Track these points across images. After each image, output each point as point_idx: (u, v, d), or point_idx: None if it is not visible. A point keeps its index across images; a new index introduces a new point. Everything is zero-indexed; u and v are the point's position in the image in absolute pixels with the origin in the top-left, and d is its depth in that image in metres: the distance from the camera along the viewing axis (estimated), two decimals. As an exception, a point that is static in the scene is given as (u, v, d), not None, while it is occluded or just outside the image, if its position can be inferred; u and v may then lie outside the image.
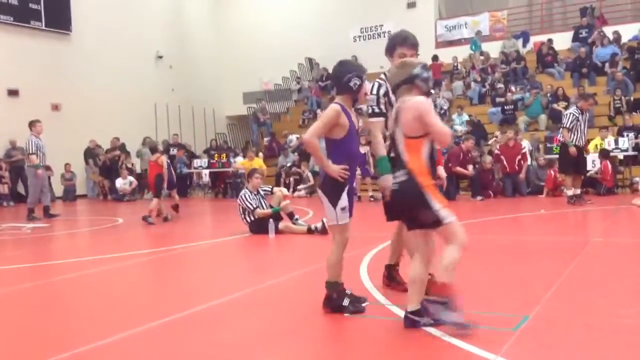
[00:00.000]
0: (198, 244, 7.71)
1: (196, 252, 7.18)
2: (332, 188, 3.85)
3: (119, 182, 16.57)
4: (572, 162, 10.02)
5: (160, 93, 20.43)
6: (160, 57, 21.31)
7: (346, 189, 3.86)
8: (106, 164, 17.58)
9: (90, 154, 17.97)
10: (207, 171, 17.29)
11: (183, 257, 6.78)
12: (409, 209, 3.48)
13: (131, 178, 16.65)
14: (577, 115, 9.86)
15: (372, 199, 12.84)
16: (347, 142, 3.86)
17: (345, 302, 3.86)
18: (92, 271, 5.90)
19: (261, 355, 3.24)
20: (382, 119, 4.05)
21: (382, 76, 4.18)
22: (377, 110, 4.06)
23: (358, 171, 13.42)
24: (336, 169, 3.79)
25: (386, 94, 4.09)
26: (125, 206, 14.84)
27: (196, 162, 17.65)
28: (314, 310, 3.97)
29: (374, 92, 4.09)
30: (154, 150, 11.09)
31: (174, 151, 17.41)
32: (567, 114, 10.14)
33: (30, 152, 11.27)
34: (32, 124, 11.39)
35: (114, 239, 8.75)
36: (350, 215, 3.91)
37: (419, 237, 3.51)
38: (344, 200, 3.85)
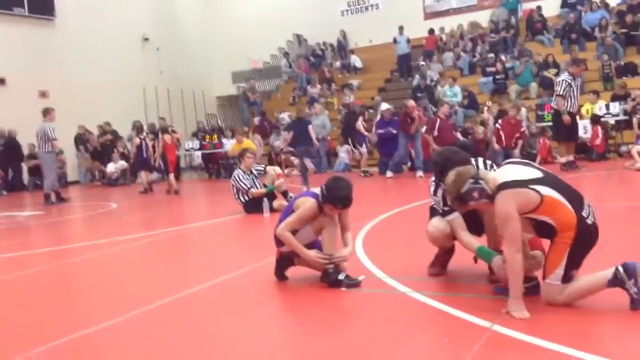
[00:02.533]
0: (194, 225, 7.72)
1: (192, 233, 7.19)
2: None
3: (110, 167, 16.52)
4: (565, 130, 9.98)
5: (148, 76, 20.25)
6: (147, 39, 21.07)
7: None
8: (97, 149, 17.49)
9: (80, 139, 17.86)
10: (199, 153, 17.22)
11: (179, 239, 6.79)
12: None
13: (122, 162, 16.60)
14: (570, 81, 9.78)
15: (364, 174, 12.89)
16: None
17: (341, 276, 3.88)
18: (89, 256, 5.90)
19: (261, 331, 3.27)
20: (457, 214, 3.69)
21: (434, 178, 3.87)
22: (447, 208, 3.74)
23: (364, 147, 13.50)
24: (313, 255, 3.88)
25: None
26: (118, 191, 14.81)
27: (188, 144, 17.58)
28: (311, 285, 3.99)
29: (438, 194, 3.79)
30: (164, 131, 12.95)
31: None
32: (559, 81, 10.05)
33: (54, 137, 11.47)
34: (47, 112, 11.60)
35: (109, 224, 8.74)
36: None
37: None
38: None
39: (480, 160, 3.70)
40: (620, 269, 2.99)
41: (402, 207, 7.35)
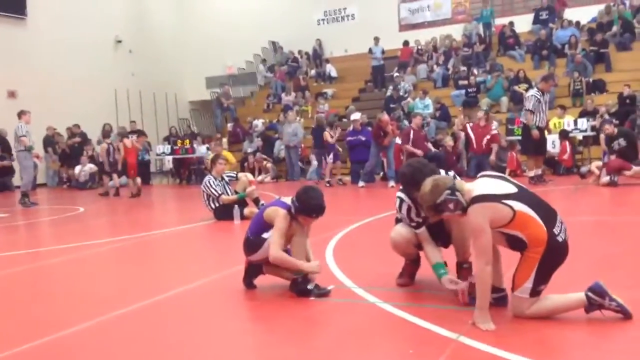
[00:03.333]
0: (162, 231, 7.62)
1: (160, 239, 7.09)
2: (253, 247, 4.03)
3: (78, 169, 16.26)
4: (534, 144, 10.17)
5: (120, 78, 20.00)
6: (120, 41, 20.83)
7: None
8: (66, 151, 17.19)
9: (49, 142, 17.53)
10: (170, 158, 17.04)
11: (147, 245, 6.70)
12: None
13: (91, 165, 16.34)
14: (539, 97, 9.97)
15: (340, 182, 12.94)
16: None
17: (310, 285, 3.87)
18: (54, 261, 5.78)
19: (228, 340, 3.23)
20: (423, 228, 3.77)
21: (400, 193, 3.85)
22: (414, 224, 3.80)
23: (330, 157, 13.49)
24: (313, 266, 3.88)
25: (409, 208, 3.78)
26: (86, 194, 14.55)
27: (159, 149, 17.40)
28: (279, 294, 3.96)
29: (403, 211, 3.82)
30: (123, 135, 13.41)
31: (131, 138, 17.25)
32: (529, 97, 10.25)
33: (22, 134, 11.39)
34: (21, 113, 11.61)
35: (76, 228, 8.57)
36: None
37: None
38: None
39: (451, 173, 3.73)
40: (590, 294, 3.05)
41: (373, 216, 7.37)
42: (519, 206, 3.09)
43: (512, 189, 3.18)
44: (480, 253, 3.07)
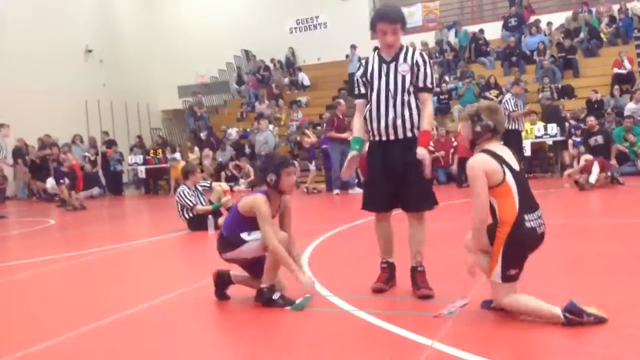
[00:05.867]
0: (135, 243, 7.50)
1: (133, 251, 6.98)
2: (229, 244, 4.02)
3: (50, 182, 15.94)
4: (514, 149, 10.29)
5: (90, 88, 19.74)
6: (90, 51, 20.57)
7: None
8: (36, 163, 16.87)
9: (19, 153, 17.18)
10: (142, 168, 16.85)
11: (118, 258, 6.58)
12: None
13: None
14: (514, 100, 10.21)
15: (307, 191, 12.89)
16: (251, 222, 3.92)
17: (275, 295, 3.84)
18: (23, 275, 5.64)
19: (201, 353, 3.18)
20: (361, 100, 3.98)
21: (374, 54, 3.99)
22: (355, 92, 4.01)
23: (313, 164, 13.52)
24: (307, 281, 3.85)
25: (364, 74, 3.95)
26: (56, 206, 14.28)
27: (131, 159, 17.21)
28: (254, 304, 3.92)
29: (357, 75, 4.00)
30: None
31: (103, 148, 17.13)
32: (507, 100, 10.42)
33: None
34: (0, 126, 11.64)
35: (45, 241, 8.41)
36: None
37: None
38: (252, 234, 3.94)
39: None
40: (568, 315, 3.09)
41: (348, 224, 7.36)
42: (509, 177, 3.24)
43: (515, 165, 3.33)
44: (475, 197, 3.23)
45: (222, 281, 4.08)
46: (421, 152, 3.75)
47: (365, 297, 3.93)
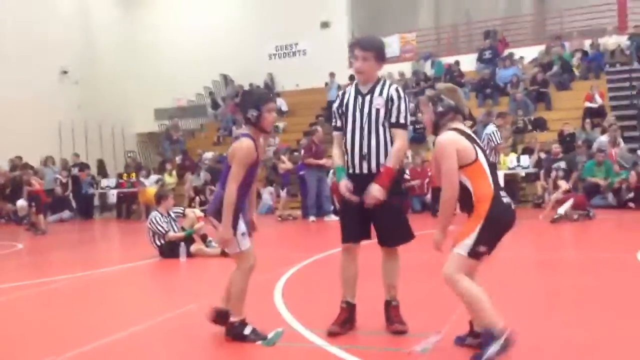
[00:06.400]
0: (104, 270, 7.32)
1: (101, 279, 6.81)
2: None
3: (20, 203, 15.61)
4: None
5: (65, 110, 19.47)
6: (66, 72, 20.36)
7: (240, 213, 3.77)
8: (6, 185, 16.51)
9: (-13, 174, 16.81)
10: (115, 191, 16.59)
11: (86, 286, 6.40)
12: None
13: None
14: (500, 133, 10.28)
15: (281, 219, 12.74)
16: (248, 173, 3.75)
17: (247, 330, 3.75)
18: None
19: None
20: (338, 132, 3.96)
21: (352, 85, 3.99)
22: (333, 124, 4.02)
23: (284, 191, 13.45)
24: (226, 236, 3.69)
25: (340, 105, 3.94)
26: (25, 229, 13.95)
27: (103, 182, 16.96)
28: (224, 340, 3.83)
29: (334, 106, 4.00)
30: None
31: (75, 171, 16.86)
32: (493, 132, 10.47)
33: None
34: None
35: (11, 266, 8.18)
36: (250, 235, 3.83)
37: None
38: (242, 225, 3.78)
39: None
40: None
41: (324, 252, 7.29)
42: (481, 156, 3.25)
43: (478, 147, 3.32)
44: (445, 177, 3.19)
45: (220, 319, 3.92)
46: (373, 189, 3.67)
47: (338, 331, 3.86)
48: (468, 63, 19.41)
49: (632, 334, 3.66)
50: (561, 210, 10.03)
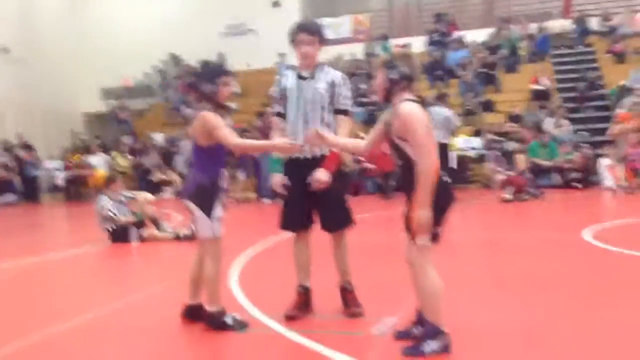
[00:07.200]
0: (48, 256, 7.09)
1: (46, 265, 6.56)
2: (206, 197, 3.64)
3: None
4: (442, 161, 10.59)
5: (6, 89, 18.67)
6: (6, 50, 19.48)
7: (219, 197, 3.69)
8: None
9: None
10: (62, 174, 16.08)
11: (29, 273, 6.11)
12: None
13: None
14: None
15: (237, 201, 12.69)
16: (218, 149, 3.66)
17: (228, 319, 3.67)
18: None
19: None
20: (276, 118, 3.95)
21: (291, 70, 3.95)
22: (271, 109, 4.02)
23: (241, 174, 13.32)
24: (283, 143, 3.55)
25: (281, 90, 3.92)
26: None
27: (47, 164, 16.40)
28: (177, 327, 3.78)
29: (272, 91, 3.99)
30: None
31: (18, 152, 16.28)
32: (452, 115, 10.72)
33: None
34: None
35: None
36: None
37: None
38: (218, 210, 3.68)
39: None
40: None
41: (279, 236, 7.25)
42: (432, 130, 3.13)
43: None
44: (420, 147, 3.01)
45: (192, 316, 3.83)
46: (319, 173, 3.70)
47: (295, 316, 3.86)
48: (419, 45, 19.55)
49: (578, 315, 3.79)
50: (508, 195, 10.36)
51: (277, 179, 3.88)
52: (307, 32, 3.82)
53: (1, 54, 19.41)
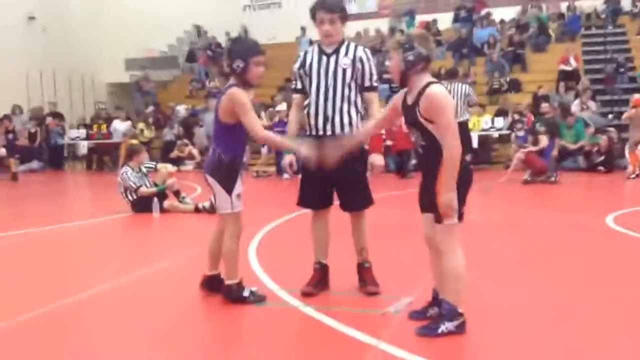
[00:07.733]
0: (73, 224, 7.22)
1: (70, 233, 6.71)
2: (226, 173, 3.63)
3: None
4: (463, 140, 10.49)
5: (32, 58, 18.80)
6: (32, 18, 19.60)
7: (240, 173, 3.70)
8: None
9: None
10: (85, 143, 16.27)
11: (51, 241, 6.25)
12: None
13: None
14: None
15: (257, 175, 12.75)
16: (240, 126, 3.61)
17: (246, 292, 3.69)
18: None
19: (144, 352, 3.07)
20: (298, 95, 3.93)
21: (314, 46, 3.90)
22: (293, 86, 3.97)
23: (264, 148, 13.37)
24: (308, 153, 3.51)
25: (302, 66, 3.86)
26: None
27: (73, 133, 16.59)
28: (194, 299, 3.82)
29: (295, 67, 3.92)
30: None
31: (48, 120, 16.47)
32: (472, 91, 10.61)
33: None
34: None
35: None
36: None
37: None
38: (239, 187, 3.68)
39: None
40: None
41: (297, 212, 7.27)
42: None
43: None
44: (448, 130, 2.97)
45: (210, 286, 3.85)
46: (376, 159, 3.77)
47: (312, 291, 3.88)
48: (446, 21, 19.24)
49: (598, 298, 3.75)
50: (527, 176, 10.26)
51: (288, 159, 3.88)
52: (327, 10, 3.73)
53: (27, 22, 19.55)
